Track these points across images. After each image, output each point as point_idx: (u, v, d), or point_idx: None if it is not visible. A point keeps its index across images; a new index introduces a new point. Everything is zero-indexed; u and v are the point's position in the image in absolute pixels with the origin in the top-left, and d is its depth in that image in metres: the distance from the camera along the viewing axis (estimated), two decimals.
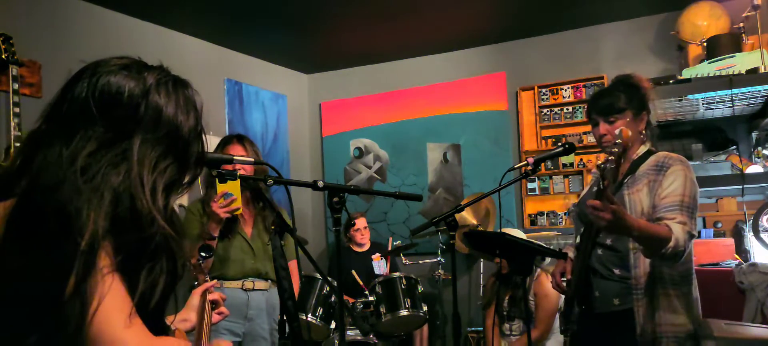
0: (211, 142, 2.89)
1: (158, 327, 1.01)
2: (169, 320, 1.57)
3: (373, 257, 4.54)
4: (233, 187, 2.43)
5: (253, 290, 2.74)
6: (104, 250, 0.90)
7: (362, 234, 4.64)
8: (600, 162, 1.87)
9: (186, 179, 1.06)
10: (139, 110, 0.99)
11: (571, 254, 2.45)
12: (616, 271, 2.18)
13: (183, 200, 3.67)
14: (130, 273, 0.93)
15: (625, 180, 2.18)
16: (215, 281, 1.80)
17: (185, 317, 1.64)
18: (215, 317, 1.71)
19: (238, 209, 2.53)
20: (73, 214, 0.88)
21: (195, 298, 1.69)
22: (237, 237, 2.73)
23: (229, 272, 2.68)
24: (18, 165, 0.97)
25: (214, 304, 1.71)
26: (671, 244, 1.93)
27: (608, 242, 2.20)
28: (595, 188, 2.34)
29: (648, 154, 2.22)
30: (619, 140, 1.85)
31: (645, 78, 2.30)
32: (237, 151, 2.70)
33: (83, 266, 0.87)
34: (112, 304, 0.89)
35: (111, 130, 0.96)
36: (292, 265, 2.75)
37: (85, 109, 0.97)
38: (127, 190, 0.94)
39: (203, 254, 1.95)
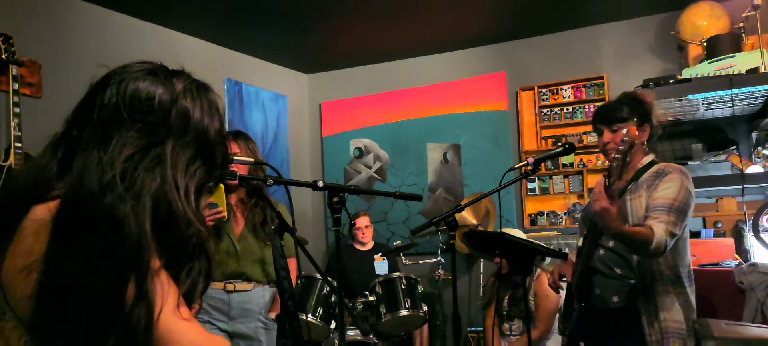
0: None
1: None
2: None
3: (375, 257, 4.54)
4: (218, 196, 2.44)
5: (235, 291, 2.76)
6: (153, 252, 0.91)
7: (364, 233, 4.64)
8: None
9: (214, 181, 1.09)
10: (170, 116, 1.01)
11: (572, 256, 2.48)
12: (618, 269, 2.26)
13: None
14: (171, 275, 0.96)
15: (629, 187, 2.27)
16: None
17: None
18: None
19: (223, 217, 2.53)
20: (123, 220, 0.90)
21: None
22: (224, 239, 2.74)
23: (212, 273, 2.68)
24: (55, 170, 0.98)
25: None
26: (653, 246, 2.03)
27: (611, 244, 2.27)
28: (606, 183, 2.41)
29: (652, 164, 2.31)
30: (625, 138, 1.97)
31: (649, 93, 2.43)
32: (231, 149, 2.71)
33: (140, 269, 0.89)
34: (173, 303, 0.92)
35: (144, 136, 0.98)
36: (291, 263, 2.75)
37: (116, 115, 0.98)
38: (165, 194, 0.96)
39: None
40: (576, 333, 2.37)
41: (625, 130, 2.04)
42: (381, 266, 4.47)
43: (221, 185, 2.35)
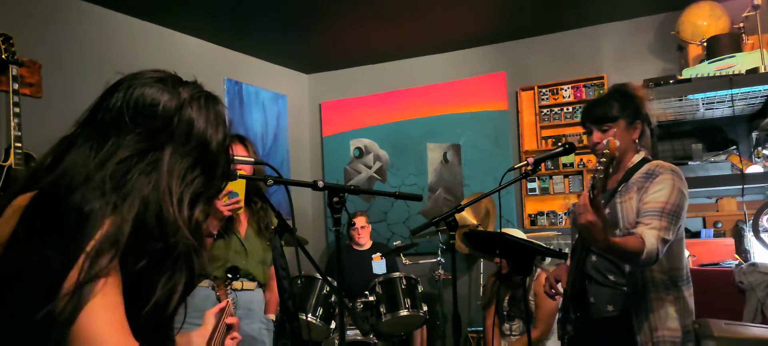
0: None
1: (167, 336, 1.04)
2: (185, 335, 1.54)
3: (373, 256, 4.54)
4: (238, 186, 2.44)
5: (242, 290, 2.75)
6: (112, 255, 0.90)
7: (360, 233, 4.64)
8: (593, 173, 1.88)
9: (212, 192, 1.09)
10: (173, 123, 1.02)
11: (566, 259, 2.44)
12: (611, 277, 2.18)
13: None
14: (148, 280, 0.95)
15: (619, 188, 2.19)
16: (229, 300, 1.76)
17: (203, 333, 1.60)
18: (229, 343, 1.65)
19: (240, 207, 2.54)
20: (90, 215, 0.90)
21: (210, 318, 1.64)
22: (232, 237, 2.74)
23: (220, 272, 2.68)
24: (48, 163, 1.00)
25: (229, 327, 1.66)
26: (644, 257, 1.94)
27: None
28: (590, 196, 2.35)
29: (643, 162, 2.22)
30: (606, 151, 1.86)
31: (640, 86, 2.30)
32: (238, 152, 2.70)
33: (87, 267, 0.88)
34: (104, 307, 0.89)
35: (143, 140, 0.99)
36: None
37: (118, 118, 1.00)
38: (156, 198, 0.96)
39: (229, 276, 1.93)
40: (574, 342, 2.31)
41: (604, 142, 1.90)
42: (379, 265, 4.47)
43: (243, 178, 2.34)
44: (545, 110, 4.82)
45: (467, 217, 4.48)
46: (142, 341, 0.94)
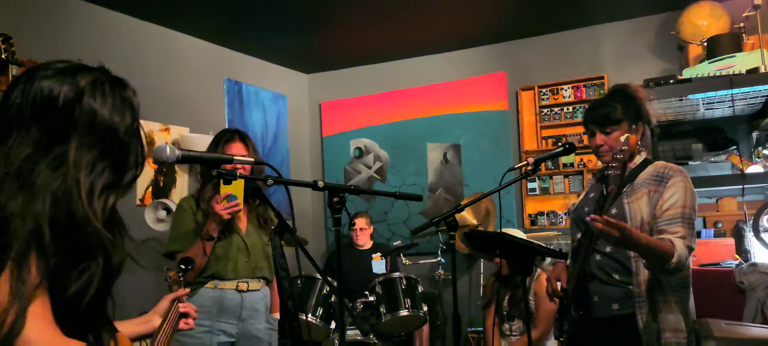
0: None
1: (96, 325, 1.04)
2: (131, 321, 1.58)
3: (373, 256, 4.54)
4: (237, 188, 2.42)
5: (248, 290, 2.73)
6: (34, 253, 0.91)
7: (358, 234, 4.64)
8: (597, 170, 1.88)
9: (127, 179, 1.07)
10: (74, 114, 1.00)
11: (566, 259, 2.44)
12: (616, 276, 2.18)
13: (177, 195, 3.62)
14: (64, 272, 0.95)
15: (625, 189, 2.19)
16: (188, 289, 1.80)
17: (148, 319, 1.64)
18: (181, 325, 1.71)
19: (239, 210, 2.53)
20: (9, 218, 0.90)
21: (164, 303, 1.69)
22: (233, 235, 2.72)
23: (223, 271, 2.67)
24: None
25: (183, 315, 1.72)
26: (674, 260, 1.96)
27: (607, 249, 2.20)
28: (592, 195, 2.34)
29: (645, 163, 2.23)
30: (625, 147, 1.86)
31: (640, 87, 2.33)
32: (238, 149, 2.69)
33: (17, 270, 0.88)
34: (36, 316, 0.90)
35: (47, 135, 0.97)
36: None
37: (19, 114, 0.98)
38: (65, 193, 0.95)
39: (183, 266, 1.94)
40: (574, 341, 2.31)
41: (623, 139, 1.91)
42: (379, 265, 4.47)
43: (241, 179, 2.34)
44: (545, 110, 4.82)
45: (467, 217, 4.48)
46: (75, 329, 0.96)
